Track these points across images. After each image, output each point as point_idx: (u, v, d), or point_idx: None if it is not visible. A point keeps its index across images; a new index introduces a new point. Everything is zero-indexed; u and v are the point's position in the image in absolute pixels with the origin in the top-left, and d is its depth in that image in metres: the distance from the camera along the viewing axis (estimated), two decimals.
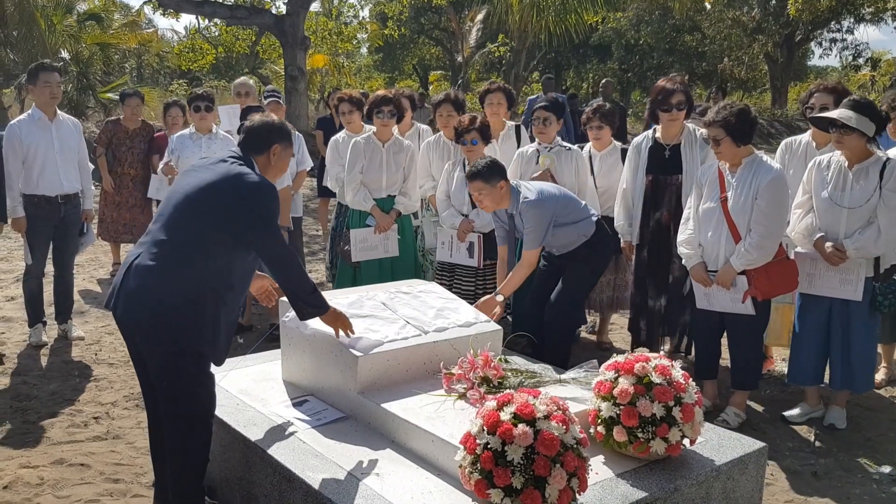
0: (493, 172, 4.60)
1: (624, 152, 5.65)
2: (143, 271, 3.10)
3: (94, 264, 8.49)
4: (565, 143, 5.60)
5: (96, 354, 5.65)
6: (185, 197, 3.18)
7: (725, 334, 4.67)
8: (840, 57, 29.89)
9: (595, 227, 4.83)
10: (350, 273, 5.78)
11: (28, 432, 4.36)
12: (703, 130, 5.07)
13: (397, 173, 5.76)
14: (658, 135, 5.14)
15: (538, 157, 5.54)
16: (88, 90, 19.17)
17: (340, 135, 6.33)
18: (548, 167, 5.43)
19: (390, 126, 5.73)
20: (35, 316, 5.86)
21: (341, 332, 3.55)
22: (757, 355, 4.60)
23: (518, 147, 6.01)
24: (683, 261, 4.61)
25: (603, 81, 11.71)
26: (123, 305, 3.09)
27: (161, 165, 6.47)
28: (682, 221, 4.66)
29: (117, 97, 16.29)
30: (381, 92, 5.90)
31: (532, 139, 5.79)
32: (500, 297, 4.67)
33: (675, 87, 4.98)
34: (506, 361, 3.76)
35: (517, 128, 6.26)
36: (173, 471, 3.27)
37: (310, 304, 3.37)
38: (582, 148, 5.75)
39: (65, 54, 18.76)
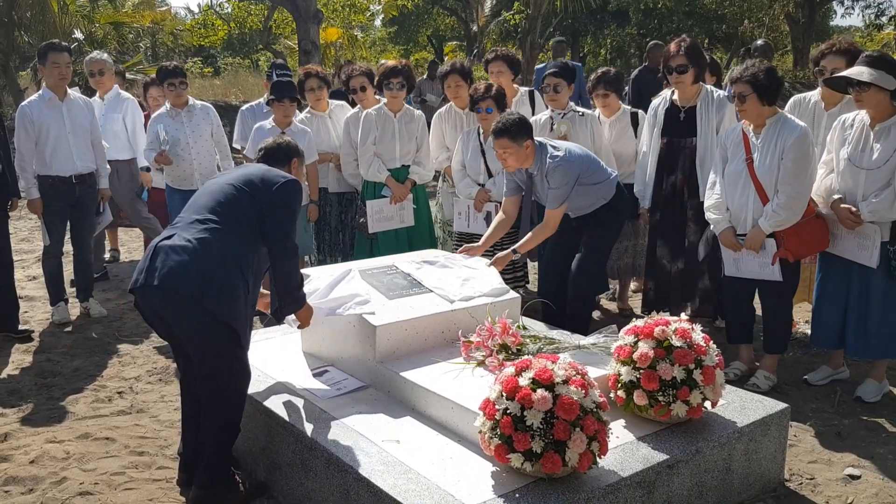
0: (520, 130, 4.46)
1: (633, 116, 5.60)
2: (182, 250, 3.15)
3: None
4: (578, 108, 5.55)
5: (118, 331, 5.72)
6: (224, 186, 3.38)
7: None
8: (863, 16, 29.29)
9: (615, 190, 4.78)
10: (367, 245, 5.79)
11: (53, 408, 4.43)
12: (721, 92, 4.99)
13: (410, 143, 5.74)
14: (675, 97, 5.07)
15: (552, 124, 5.49)
16: None
17: (304, 114, 6.10)
18: (564, 134, 5.38)
19: (400, 97, 5.70)
20: (56, 294, 5.94)
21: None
22: (787, 319, 4.53)
23: (533, 113, 5.97)
24: (712, 226, 4.55)
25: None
26: (163, 280, 3.11)
27: (152, 156, 6.06)
28: (707, 186, 4.59)
29: (132, 77, 16.31)
30: (390, 63, 5.87)
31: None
32: (515, 255, 4.63)
33: (678, 50, 4.90)
34: (524, 329, 3.77)
35: (531, 93, 6.21)
36: (207, 441, 3.33)
37: (294, 298, 3.50)
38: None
39: (79, 34, 18.77)
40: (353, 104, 6.30)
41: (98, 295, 6.37)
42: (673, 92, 5.10)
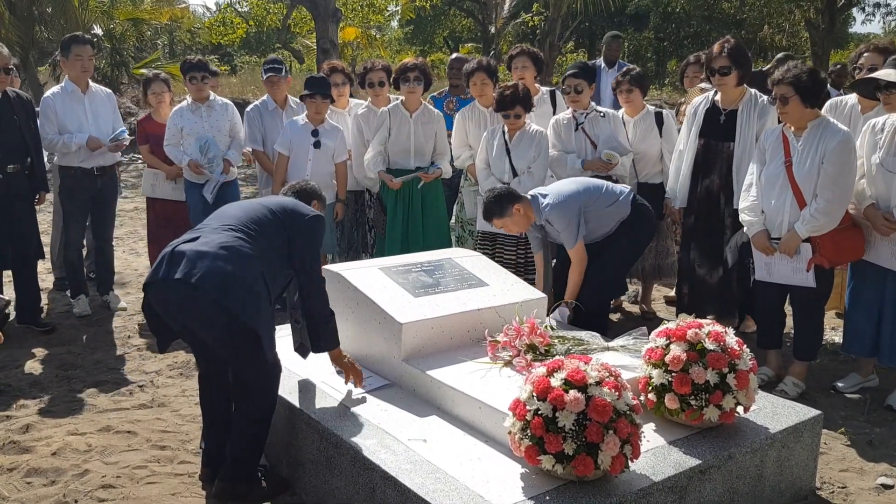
0: (502, 204, 4.57)
1: (658, 116, 5.54)
2: (207, 253, 3.12)
3: (134, 237, 8.57)
4: (600, 109, 5.50)
5: (139, 324, 5.70)
6: (257, 206, 3.44)
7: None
8: (883, 23, 29.16)
9: (630, 207, 4.76)
10: (383, 243, 5.76)
11: (74, 400, 4.41)
12: (766, 98, 4.89)
13: (427, 144, 5.69)
14: (717, 97, 4.99)
15: (576, 124, 5.44)
16: (122, 66, 19.32)
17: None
18: (611, 162, 5.32)
19: (417, 93, 5.67)
20: (77, 287, 5.93)
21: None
22: (818, 326, 4.48)
23: (554, 112, 5.93)
24: (745, 228, 4.47)
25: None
26: (186, 276, 3.07)
27: (172, 151, 5.90)
28: (744, 188, 4.52)
29: (150, 73, 16.35)
30: (407, 59, 5.86)
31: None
32: (571, 305, 4.62)
33: (720, 51, 4.82)
34: (551, 329, 3.72)
35: (552, 93, 6.17)
36: (237, 436, 3.31)
37: (325, 332, 3.53)
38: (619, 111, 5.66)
39: (98, 30, 18.86)
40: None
41: (118, 289, 6.36)
42: (715, 92, 5.02)
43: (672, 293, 6.05)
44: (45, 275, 6.88)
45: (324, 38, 16.51)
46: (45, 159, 5.84)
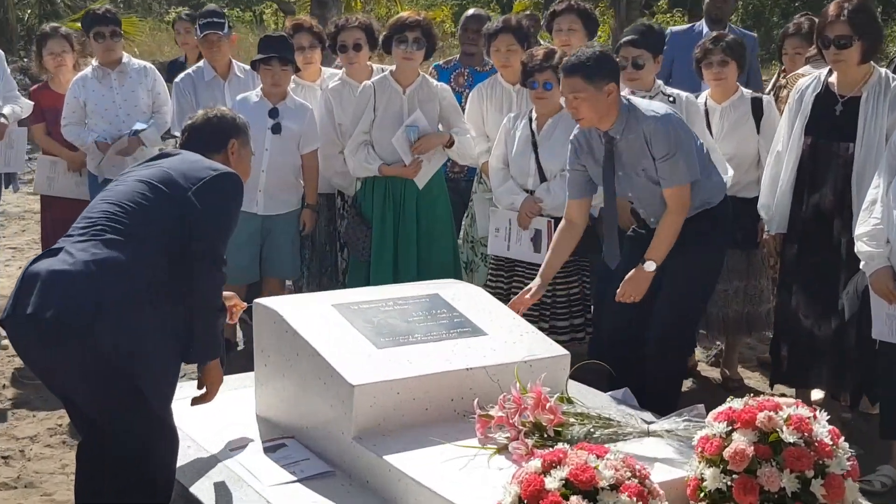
0: (600, 68, 4.33)
1: (755, 102, 5.41)
2: (68, 273, 3.09)
3: (38, 246, 8.59)
4: (668, 91, 5.37)
5: (16, 369, 5.68)
6: (134, 185, 3.38)
7: None
8: None
9: (723, 196, 4.71)
10: (363, 271, 5.69)
11: None
12: None
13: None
14: (833, 79, 4.85)
15: None
16: (52, 17, 19.65)
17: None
18: None
19: (415, 60, 5.59)
20: None
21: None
22: None
23: None
24: (862, 264, 4.36)
25: None
26: (38, 309, 3.05)
27: (72, 133, 5.89)
28: (864, 207, 4.42)
29: (48, 28, 16.65)
30: (406, 13, 5.79)
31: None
32: (651, 267, 4.44)
33: (838, 13, 4.65)
34: (569, 402, 3.57)
35: None
36: None
37: (208, 333, 3.44)
38: (697, 97, 5.55)
39: None
40: None
41: None
42: (830, 72, 4.87)
43: (767, 353, 5.87)
44: None
45: None
46: None
